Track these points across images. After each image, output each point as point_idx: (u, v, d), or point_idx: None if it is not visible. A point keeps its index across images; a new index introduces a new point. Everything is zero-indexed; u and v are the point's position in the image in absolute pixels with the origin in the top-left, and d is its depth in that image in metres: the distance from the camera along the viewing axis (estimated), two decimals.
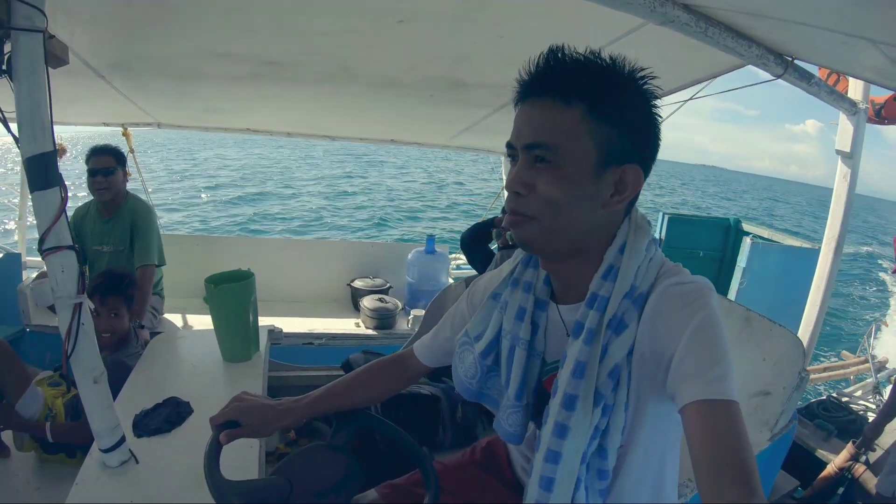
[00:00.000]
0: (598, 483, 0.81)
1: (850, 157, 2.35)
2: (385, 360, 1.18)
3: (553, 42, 0.79)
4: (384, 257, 4.16)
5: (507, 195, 0.82)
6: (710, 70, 2.04)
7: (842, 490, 2.75)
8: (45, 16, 1.02)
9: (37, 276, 3.11)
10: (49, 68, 1.05)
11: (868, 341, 4.89)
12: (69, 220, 1.13)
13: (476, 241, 2.63)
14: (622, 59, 0.78)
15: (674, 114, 2.32)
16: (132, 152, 3.36)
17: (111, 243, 2.88)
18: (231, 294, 1.86)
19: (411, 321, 3.38)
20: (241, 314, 1.86)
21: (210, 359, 1.86)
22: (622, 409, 0.78)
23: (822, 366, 4.78)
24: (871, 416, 3.16)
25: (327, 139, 3.84)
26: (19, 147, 1.03)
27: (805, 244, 5.58)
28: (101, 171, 2.78)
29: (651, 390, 0.78)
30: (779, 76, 1.73)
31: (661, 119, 0.82)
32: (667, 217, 6.23)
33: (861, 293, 14.33)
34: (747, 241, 5.22)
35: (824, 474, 2.76)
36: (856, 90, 2.32)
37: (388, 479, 1.20)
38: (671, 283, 0.78)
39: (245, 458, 1.29)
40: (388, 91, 2.49)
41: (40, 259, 1.28)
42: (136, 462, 1.27)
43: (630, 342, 0.78)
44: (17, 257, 3.37)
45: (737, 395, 0.68)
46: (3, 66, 1.02)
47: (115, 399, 1.35)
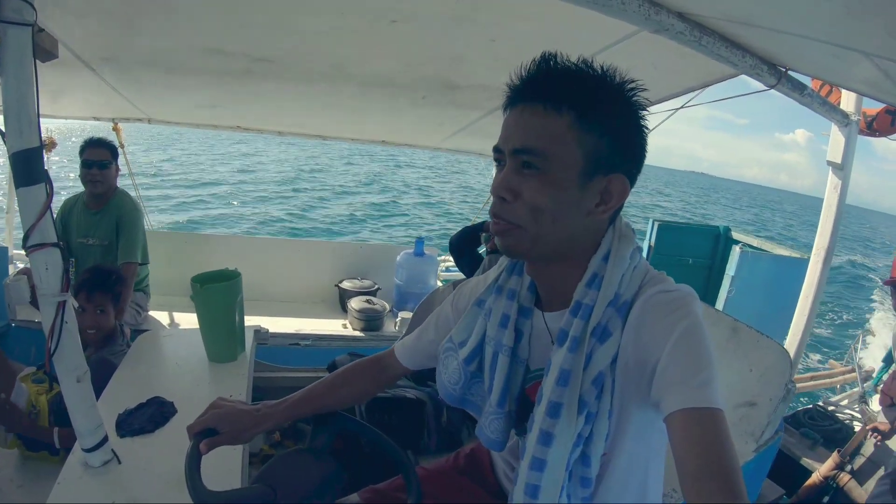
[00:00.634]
0: (580, 491, 0.80)
1: (841, 169, 2.36)
2: (364, 362, 1.17)
3: (546, 47, 0.79)
4: (373, 258, 4.14)
5: (492, 199, 0.82)
6: (703, 79, 2.04)
7: (827, 499, 2.77)
8: (34, 9, 1.00)
9: (17, 272, 3.06)
10: (38, 62, 1.04)
11: (855, 351, 4.93)
12: (55, 215, 1.12)
13: (465, 245, 2.61)
14: (613, 70, 0.79)
15: (665, 121, 2.33)
16: (122, 147, 3.35)
17: (97, 236, 2.87)
18: (217, 294, 1.84)
19: (399, 323, 3.35)
20: (227, 314, 1.84)
21: (195, 358, 1.85)
22: (606, 416, 0.78)
23: (808, 374, 4.81)
24: (857, 426, 3.19)
25: (318, 139, 3.82)
26: (4, 142, 1.02)
27: (794, 253, 5.61)
28: (97, 164, 2.80)
29: (635, 398, 0.78)
30: (772, 86, 1.73)
31: (649, 130, 0.82)
32: (657, 224, 6.24)
33: (849, 302, 14.44)
34: (736, 249, 5.24)
35: (809, 483, 2.78)
36: (848, 102, 2.33)
37: (373, 483, 1.20)
38: (655, 292, 0.78)
39: (228, 460, 1.27)
40: (381, 91, 2.48)
41: None
42: (119, 462, 1.25)
43: (614, 350, 0.78)
44: (4, 251, 3.31)
45: (722, 402, 0.68)
46: None
47: (99, 397, 1.34)
